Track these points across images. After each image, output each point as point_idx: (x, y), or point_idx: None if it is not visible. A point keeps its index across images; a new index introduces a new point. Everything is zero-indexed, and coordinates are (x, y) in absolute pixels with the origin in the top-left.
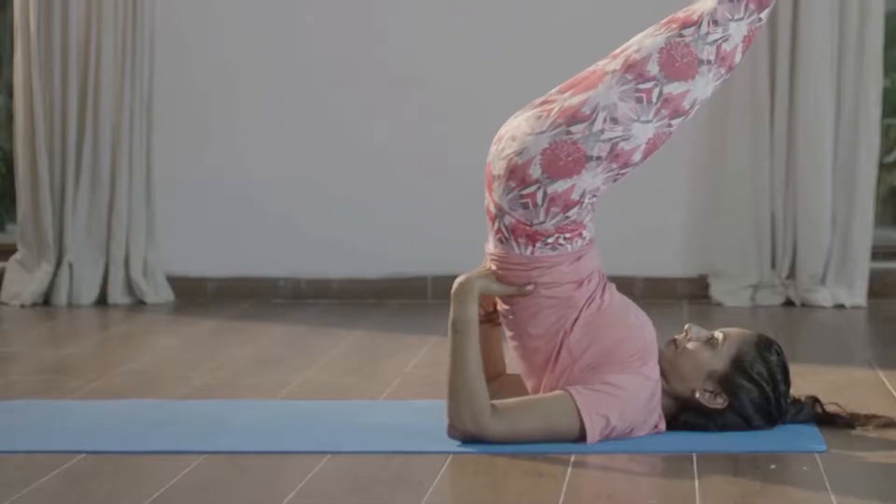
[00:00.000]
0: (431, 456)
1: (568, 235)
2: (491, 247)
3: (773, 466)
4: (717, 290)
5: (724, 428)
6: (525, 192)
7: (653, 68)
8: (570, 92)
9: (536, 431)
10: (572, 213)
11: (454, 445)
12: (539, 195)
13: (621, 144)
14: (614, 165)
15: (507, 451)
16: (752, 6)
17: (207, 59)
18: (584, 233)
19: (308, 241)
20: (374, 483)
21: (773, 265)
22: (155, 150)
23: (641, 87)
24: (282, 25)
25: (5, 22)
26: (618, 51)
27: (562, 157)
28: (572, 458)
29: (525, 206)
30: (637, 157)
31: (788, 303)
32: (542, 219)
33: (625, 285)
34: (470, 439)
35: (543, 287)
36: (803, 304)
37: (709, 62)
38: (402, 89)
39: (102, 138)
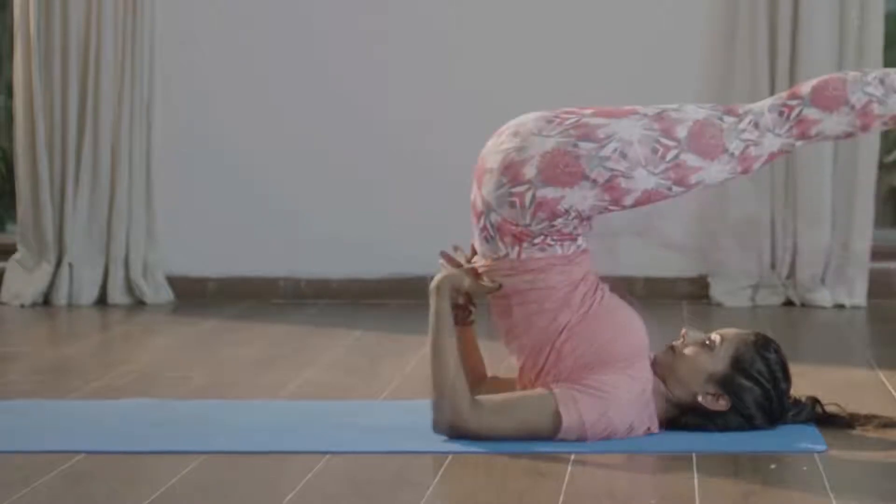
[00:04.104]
0: (431, 456)
1: (556, 237)
2: (477, 247)
3: (773, 466)
4: (716, 291)
5: (726, 429)
6: (515, 190)
7: (681, 133)
8: (592, 111)
9: (516, 425)
10: (558, 223)
11: (454, 445)
12: (528, 196)
13: (620, 180)
14: (606, 197)
15: (507, 451)
16: (795, 130)
17: (207, 59)
18: (580, 240)
19: (308, 241)
20: (374, 483)
21: (773, 265)
22: (155, 150)
23: (663, 141)
24: (282, 24)
25: (5, 22)
26: (660, 104)
27: (559, 166)
28: (572, 458)
29: (512, 206)
30: (628, 200)
31: (788, 303)
32: (527, 221)
33: (625, 285)
34: (453, 432)
35: (534, 290)
36: (803, 304)
37: (731, 155)
38: (403, 90)
39: (102, 138)
